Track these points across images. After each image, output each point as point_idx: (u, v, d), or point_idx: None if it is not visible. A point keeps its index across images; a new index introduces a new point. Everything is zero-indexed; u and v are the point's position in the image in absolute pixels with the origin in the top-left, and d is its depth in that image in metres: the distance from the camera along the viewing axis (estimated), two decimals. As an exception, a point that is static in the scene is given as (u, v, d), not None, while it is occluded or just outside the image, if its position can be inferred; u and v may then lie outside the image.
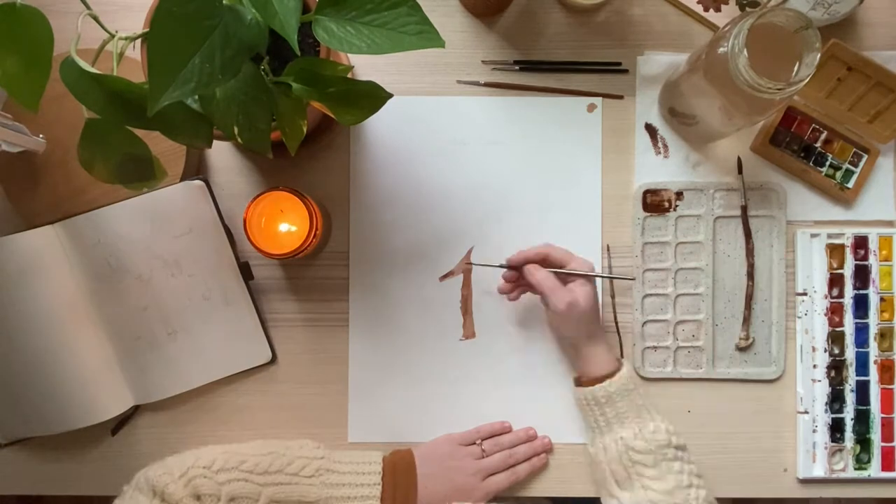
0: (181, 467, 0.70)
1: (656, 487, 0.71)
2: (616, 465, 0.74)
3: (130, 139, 0.57)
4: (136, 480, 0.71)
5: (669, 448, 0.73)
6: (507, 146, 0.83)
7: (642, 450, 0.73)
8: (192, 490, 0.68)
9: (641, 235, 0.82)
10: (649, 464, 0.72)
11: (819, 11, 0.79)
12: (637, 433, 0.73)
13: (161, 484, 0.68)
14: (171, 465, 0.71)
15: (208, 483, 0.69)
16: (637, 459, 0.73)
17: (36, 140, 0.76)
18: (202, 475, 0.69)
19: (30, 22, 0.48)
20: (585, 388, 0.77)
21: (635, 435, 0.73)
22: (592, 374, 0.77)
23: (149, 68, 0.46)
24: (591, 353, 0.77)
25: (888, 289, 0.82)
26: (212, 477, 0.69)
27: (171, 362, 0.80)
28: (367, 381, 0.83)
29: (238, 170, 0.83)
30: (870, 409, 0.81)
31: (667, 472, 0.72)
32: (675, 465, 0.72)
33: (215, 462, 0.71)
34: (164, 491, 0.68)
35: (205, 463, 0.71)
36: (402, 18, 0.53)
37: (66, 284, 0.78)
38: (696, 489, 0.72)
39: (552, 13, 0.83)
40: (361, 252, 0.83)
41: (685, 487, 0.72)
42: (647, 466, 0.72)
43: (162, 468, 0.70)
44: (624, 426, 0.75)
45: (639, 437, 0.73)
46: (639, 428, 0.74)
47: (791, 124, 0.82)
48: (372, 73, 0.82)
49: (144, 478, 0.70)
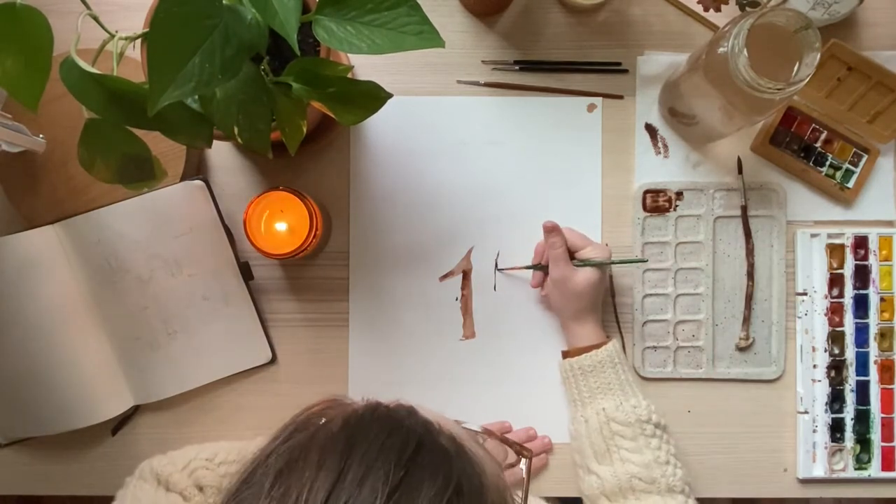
0: (184, 459, 0.71)
1: (634, 460, 0.72)
2: (596, 436, 0.74)
3: (130, 139, 0.57)
4: (139, 470, 0.71)
5: (649, 424, 0.73)
6: (507, 146, 0.83)
7: (622, 421, 0.73)
8: (195, 481, 0.69)
9: (641, 235, 0.82)
10: (628, 436, 0.73)
11: (819, 11, 0.79)
12: (619, 405, 0.74)
13: (165, 473, 0.69)
14: (174, 457, 0.71)
15: (210, 475, 0.70)
16: (616, 430, 0.73)
17: (36, 140, 0.76)
18: (204, 467, 0.70)
19: (30, 22, 0.48)
20: (572, 358, 0.78)
21: (616, 406, 0.74)
22: (579, 344, 0.78)
23: (149, 68, 0.46)
24: (578, 329, 0.78)
25: (888, 289, 0.82)
26: (214, 469, 0.70)
27: (171, 362, 0.80)
28: (367, 380, 0.83)
29: (238, 170, 0.83)
30: (870, 409, 0.81)
31: (644, 447, 0.72)
32: (654, 441, 0.73)
33: (217, 455, 0.72)
34: (168, 480, 0.69)
35: (207, 455, 0.72)
36: (402, 18, 0.53)
37: (66, 284, 0.78)
38: (674, 468, 0.73)
39: (552, 13, 0.83)
40: (361, 252, 0.83)
41: (663, 464, 0.72)
42: (626, 438, 0.73)
43: (165, 459, 0.71)
44: (606, 397, 0.75)
45: (619, 409, 0.74)
46: (620, 400, 0.75)
47: (791, 124, 0.82)
48: (372, 73, 0.82)
49: (149, 468, 0.71)
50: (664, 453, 0.73)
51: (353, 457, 0.40)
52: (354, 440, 0.41)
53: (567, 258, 0.77)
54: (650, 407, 0.75)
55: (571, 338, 0.80)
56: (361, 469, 0.39)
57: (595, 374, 0.76)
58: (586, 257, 0.77)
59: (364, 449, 0.41)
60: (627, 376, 0.77)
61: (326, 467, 0.40)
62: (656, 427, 0.74)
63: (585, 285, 0.76)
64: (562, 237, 0.77)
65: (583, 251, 0.77)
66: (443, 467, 0.41)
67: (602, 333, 0.79)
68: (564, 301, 0.78)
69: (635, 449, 0.72)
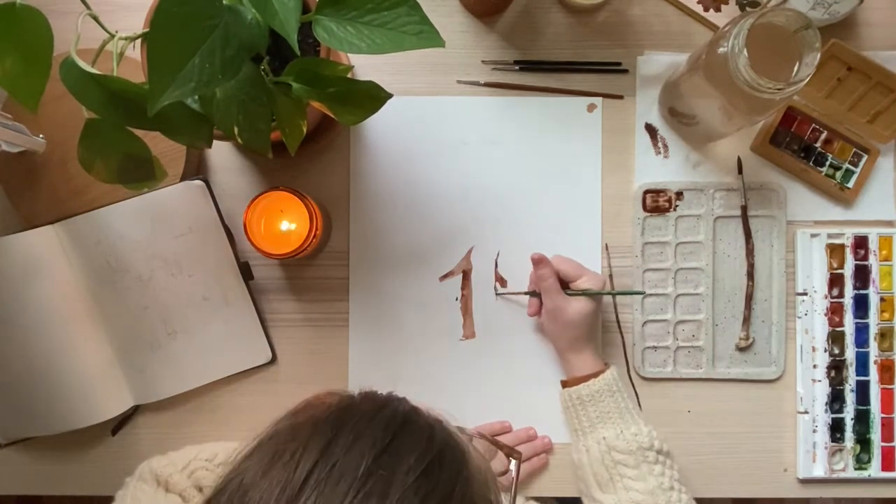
0: (184, 460, 0.71)
1: (638, 487, 0.71)
2: (598, 465, 0.73)
3: (130, 139, 0.57)
4: (139, 471, 0.72)
5: (651, 451, 0.73)
6: (507, 146, 0.83)
7: (624, 450, 0.73)
8: (195, 482, 0.69)
9: (641, 235, 0.82)
10: (630, 464, 0.72)
11: (819, 11, 0.79)
12: (619, 434, 0.73)
13: (165, 474, 0.69)
14: (173, 458, 0.72)
15: (210, 476, 0.70)
16: (619, 459, 0.73)
17: (36, 140, 0.76)
18: (204, 467, 0.70)
19: (30, 22, 0.48)
20: (570, 388, 0.77)
21: (617, 435, 0.73)
22: (577, 374, 0.78)
23: (149, 68, 0.46)
24: (574, 358, 0.78)
25: (888, 289, 0.82)
26: (213, 470, 0.70)
27: (171, 362, 0.80)
28: (366, 380, 0.82)
29: (238, 170, 0.83)
30: (870, 409, 0.81)
31: (648, 474, 0.72)
32: (657, 468, 0.72)
33: (217, 456, 0.72)
34: (167, 481, 0.69)
35: (207, 456, 0.72)
36: (402, 18, 0.53)
37: (66, 284, 0.78)
38: (679, 493, 0.72)
39: (552, 13, 0.83)
40: (361, 252, 0.83)
41: (667, 490, 0.71)
42: (629, 467, 0.72)
43: (165, 459, 0.71)
44: (606, 426, 0.75)
45: (620, 438, 0.73)
46: (621, 429, 0.74)
47: (791, 124, 0.82)
48: (372, 73, 0.82)
49: (148, 468, 0.71)
50: (668, 479, 0.72)
51: (344, 427, 0.43)
52: (345, 414, 0.45)
53: (558, 288, 0.76)
54: (652, 433, 0.74)
55: (569, 367, 0.79)
56: (350, 436, 0.42)
57: (594, 403, 0.75)
58: (581, 288, 0.76)
59: (354, 421, 0.44)
60: (627, 403, 0.76)
61: (318, 433, 0.43)
62: (658, 453, 0.73)
63: (579, 315, 0.76)
64: (550, 268, 0.76)
65: (578, 282, 0.77)
66: (426, 436, 0.45)
67: (600, 361, 0.78)
68: (559, 331, 0.77)
69: (638, 477, 0.72)
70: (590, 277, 0.77)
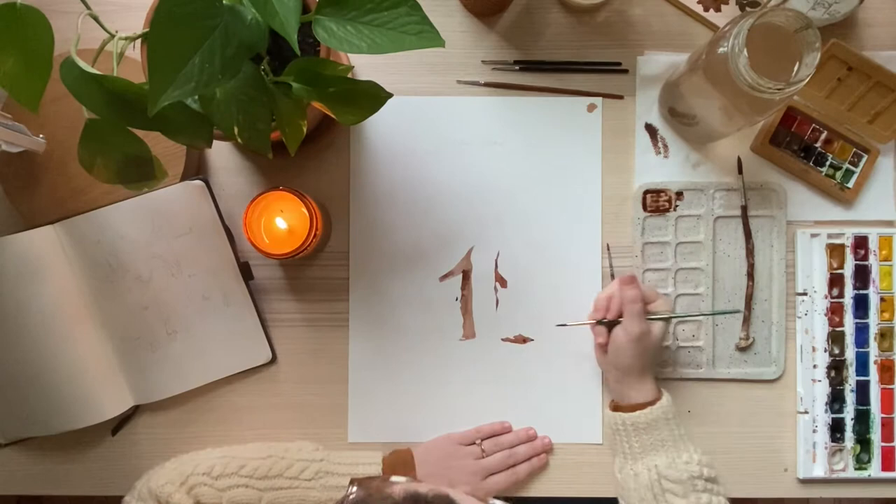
0: (181, 475, 0.70)
1: None
2: (646, 491, 0.73)
3: (130, 139, 0.57)
4: (137, 491, 0.71)
5: (700, 479, 0.72)
6: (507, 146, 0.83)
7: (674, 479, 0.72)
8: (195, 498, 0.69)
9: (641, 235, 0.82)
10: (679, 493, 0.72)
11: (819, 11, 0.79)
12: (671, 462, 0.73)
13: (165, 494, 0.69)
14: (170, 473, 0.71)
15: (209, 491, 0.69)
16: (667, 488, 0.72)
17: (36, 140, 0.76)
18: (203, 483, 0.70)
19: (30, 22, 0.49)
20: (624, 413, 0.76)
21: (669, 464, 0.73)
22: (633, 400, 0.76)
23: (149, 68, 0.46)
24: (639, 385, 0.76)
25: (888, 289, 0.82)
26: (212, 484, 0.70)
27: (171, 362, 0.80)
28: (367, 381, 0.83)
29: (238, 170, 0.83)
30: (870, 409, 0.81)
31: (695, 503, 0.71)
32: (704, 497, 0.72)
33: (214, 468, 0.71)
34: (168, 501, 0.68)
35: (204, 469, 0.71)
36: (402, 18, 0.53)
37: (66, 284, 0.78)
38: None
39: (552, 13, 0.83)
40: (361, 252, 0.83)
41: None
42: (677, 496, 0.72)
43: (163, 477, 0.71)
44: (659, 454, 0.74)
45: (672, 467, 0.73)
46: (673, 458, 0.73)
47: (791, 124, 0.82)
48: (372, 73, 0.82)
49: (147, 488, 0.70)
50: None
51: None
52: None
53: (643, 313, 0.75)
54: (702, 461, 0.73)
55: (630, 392, 0.76)
56: None
57: (649, 431, 0.74)
58: (657, 310, 0.76)
59: None
60: (681, 430, 0.75)
61: None
62: (707, 481, 0.73)
63: (658, 341, 0.76)
64: (639, 290, 0.75)
65: (653, 304, 0.76)
66: None
67: (655, 385, 0.77)
68: (635, 357, 0.75)
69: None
70: (664, 300, 0.77)
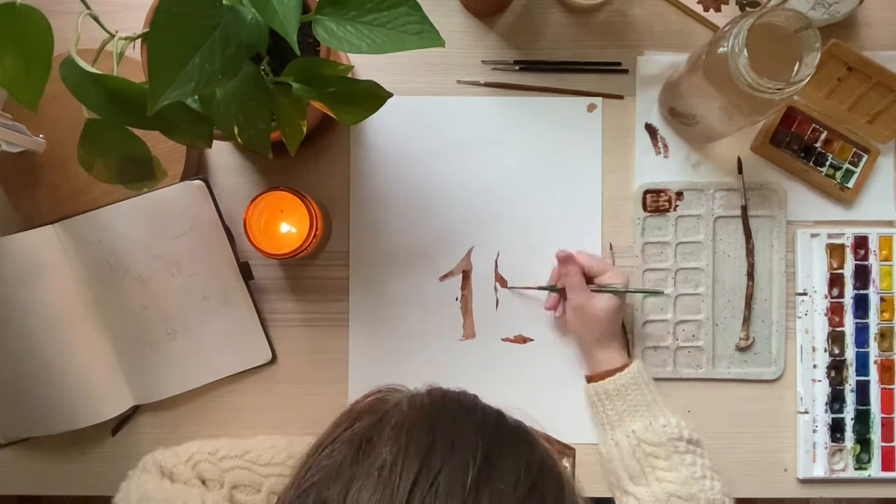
0: (187, 453, 0.71)
1: (670, 478, 0.71)
2: (629, 458, 0.74)
3: (130, 139, 0.57)
4: (143, 463, 0.72)
5: (681, 441, 0.73)
6: (508, 146, 0.83)
7: (654, 442, 0.73)
8: (198, 474, 0.70)
9: (641, 235, 0.82)
10: (661, 456, 0.72)
11: (819, 11, 0.79)
12: (647, 426, 0.74)
13: (169, 465, 0.69)
14: (176, 451, 0.72)
15: (212, 469, 0.70)
16: (649, 452, 0.73)
17: (36, 140, 0.76)
18: (206, 460, 0.71)
19: (30, 22, 0.48)
20: (596, 382, 0.77)
21: (646, 428, 0.74)
22: (601, 368, 0.78)
23: (149, 68, 0.46)
24: (600, 353, 0.78)
25: (888, 289, 0.82)
26: (216, 463, 0.70)
27: (171, 362, 0.80)
28: (367, 380, 0.82)
29: (238, 170, 0.83)
30: (870, 409, 0.81)
31: (679, 464, 0.72)
32: (688, 458, 0.73)
33: (220, 450, 0.72)
34: (171, 472, 0.69)
35: (209, 450, 0.72)
36: (402, 18, 0.53)
37: (65, 284, 0.78)
38: (712, 481, 0.72)
39: (552, 13, 0.83)
40: (361, 252, 0.83)
41: (700, 478, 0.72)
42: (660, 458, 0.72)
43: (168, 452, 0.72)
44: (634, 419, 0.75)
45: (649, 430, 0.73)
46: (649, 421, 0.74)
47: (791, 124, 0.82)
48: (372, 73, 0.82)
49: (152, 459, 0.71)
50: (700, 468, 0.72)
51: (438, 430, 0.41)
52: (435, 417, 0.43)
53: (584, 285, 0.77)
54: (680, 423, 0.74)
55: (594, 362, 0.79)
56: (447, 444, 0.41)
57: (621, 396, 0.76)
58: (605, 283, 0.77)
59: (446, 425, 0.42)
60: (654, 395, 0.76)
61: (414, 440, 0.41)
62: (689, 443, 0.73)
63: (605, 312, 0.76)
64: (576, 265, 0.77)
65: (602, 277, 0.77)
66: (523, 445, 0.44)
67: (625, 355, 0.79)
68: (586, 327, 0.78)
69: (670, 467, 0.72)
70: (614, 273, 0.77)
